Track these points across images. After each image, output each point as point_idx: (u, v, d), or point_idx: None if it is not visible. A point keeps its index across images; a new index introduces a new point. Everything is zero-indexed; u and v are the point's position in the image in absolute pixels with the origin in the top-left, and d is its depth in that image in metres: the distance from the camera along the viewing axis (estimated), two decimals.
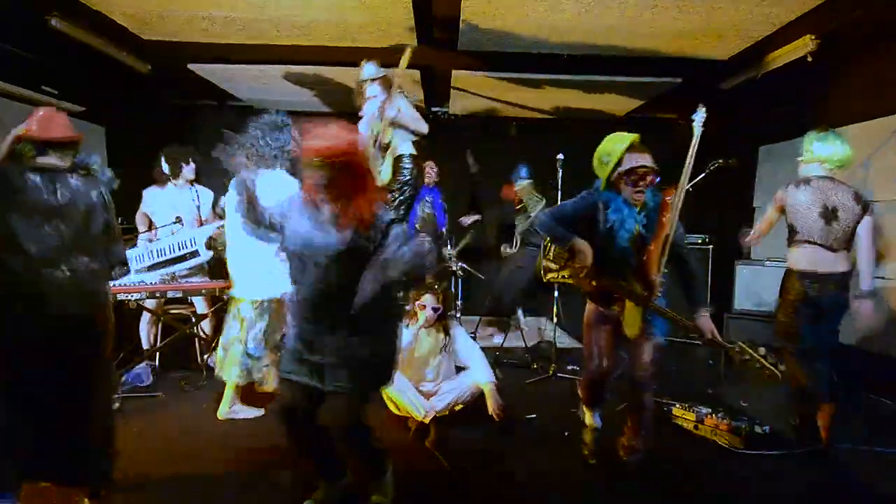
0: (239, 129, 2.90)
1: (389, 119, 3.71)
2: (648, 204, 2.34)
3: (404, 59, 3.53)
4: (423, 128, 3.86)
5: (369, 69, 3.85)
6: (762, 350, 2.18)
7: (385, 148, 3.81)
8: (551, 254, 2.62)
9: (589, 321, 2.56)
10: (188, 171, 4.09)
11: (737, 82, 4.31)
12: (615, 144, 2.34)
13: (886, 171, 3.76)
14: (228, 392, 3.14)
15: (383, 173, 3.85)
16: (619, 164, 2.30)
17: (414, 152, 3.95)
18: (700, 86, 4.48)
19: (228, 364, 3.06)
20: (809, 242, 2.85)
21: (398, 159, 3.87)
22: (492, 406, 3.01)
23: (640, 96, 5.02)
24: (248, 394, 3.19)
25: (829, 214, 2.80)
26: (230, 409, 3.15)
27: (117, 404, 3.03)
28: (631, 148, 2.31)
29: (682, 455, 2.79)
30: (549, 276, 2.65)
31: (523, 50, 3.84)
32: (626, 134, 2.35)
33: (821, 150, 2.88)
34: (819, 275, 2.82)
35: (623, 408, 2.81)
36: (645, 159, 2.29)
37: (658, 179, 2.33)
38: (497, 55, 3.97)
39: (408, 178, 3.91)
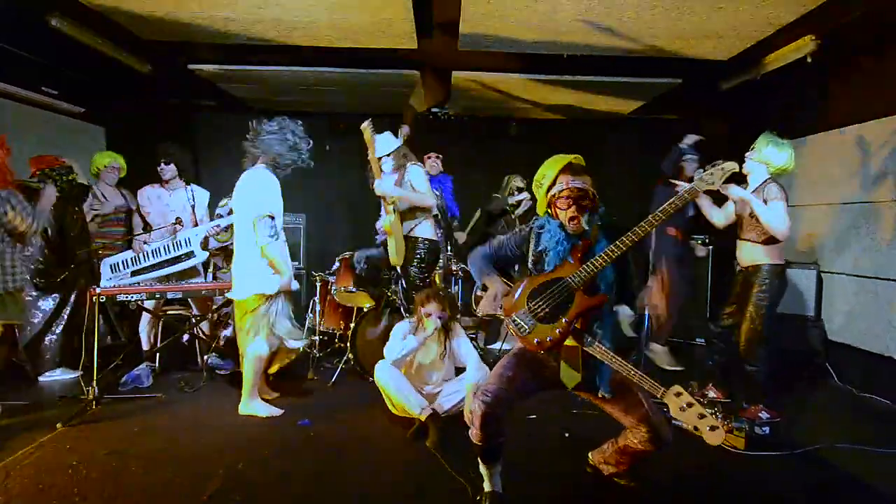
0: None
1: (397, 198, 3.65)
2: (590, 232, 2.14)
3: (366, 137, 3.50)
4: (431, 203, 3.79)
5: (384, 144, 3.73)
6: (711, 394, 1.79)
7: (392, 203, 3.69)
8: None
9: (522, 355, 2.37)
10: (166, 171, 4.02)
11: (737, 83, 4.31)
12: (550, 167, 2.20)
13: (887, 172, 3.76)
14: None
15: (383, 220, 3.80)
16: (552, 185, 2.15)
17: (433, 237, 3.87)
18: (700, 86, 4.49)
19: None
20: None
21: (415, 240, 3.80)
22: (466, 410, 2.95)
23: (640, 97, 5.02)
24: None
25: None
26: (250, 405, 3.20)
27: None
28: (566, 169, 2.14)
29: (682, 456, 2.79)
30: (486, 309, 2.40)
31: (523, 50, 3.84)
32: (564, 155, 2.21)
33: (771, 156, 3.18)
34: None
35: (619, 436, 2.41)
36: (578, 181, 2.11)
37: (595, 205, 2.14)
38: (497, 55, 3.97)
39: (423, 257, 3.82)
